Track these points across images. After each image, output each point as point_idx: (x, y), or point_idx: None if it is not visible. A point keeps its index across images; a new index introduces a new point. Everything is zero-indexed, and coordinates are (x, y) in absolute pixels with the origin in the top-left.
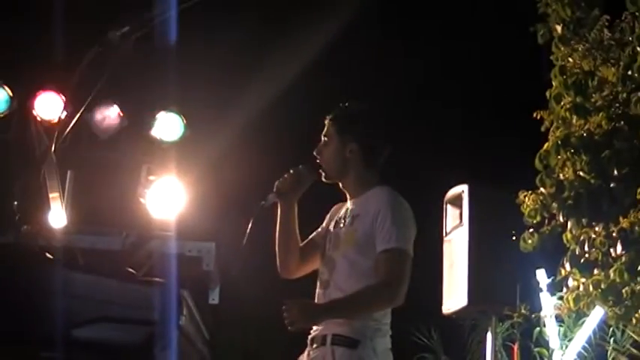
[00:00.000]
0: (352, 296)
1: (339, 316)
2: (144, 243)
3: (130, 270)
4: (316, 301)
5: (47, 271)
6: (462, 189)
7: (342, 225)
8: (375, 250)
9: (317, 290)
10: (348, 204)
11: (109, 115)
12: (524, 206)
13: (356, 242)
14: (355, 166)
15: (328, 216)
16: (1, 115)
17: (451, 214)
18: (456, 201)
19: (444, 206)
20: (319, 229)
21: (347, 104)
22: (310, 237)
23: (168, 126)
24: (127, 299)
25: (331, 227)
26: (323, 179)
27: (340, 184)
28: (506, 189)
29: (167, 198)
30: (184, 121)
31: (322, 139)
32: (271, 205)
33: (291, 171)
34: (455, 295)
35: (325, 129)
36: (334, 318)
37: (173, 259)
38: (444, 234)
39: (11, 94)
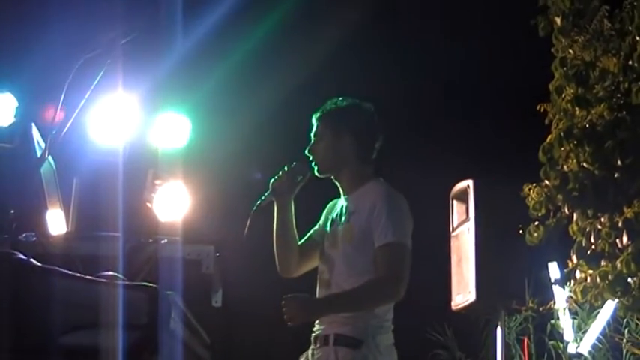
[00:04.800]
0: (352, 291)
1: (339, 310)
2: (144, 247)
3: (117, 275)
4: None
5: (36, 278)
6: (468, 184)
7: (339, 222)
8: (373, 246)
9: (318, 289)
10: (344, 200)
11: None
12: (529, 199)
13: (353, 239)
14: (350, 161)
15: (324, 213)
16: (8, 125)
17: (458, 210)
18: (462, 196)
19: (451, 202)
20: (316, 227)
21: (335, 100)
22: (308, 234)
23: (174, 131)
24: (119, 304)
25: (328, 225)
26: (316, 173)
27: (334, 179)
28: (511, 183)
29: (173, 202)
30: (191, 126)
31: (313, 138)
32: (268, 204)
33: (286, 168)
34: (463, 291)
35: (315, 128)
36: (333, 313)
37: (176, 263)
38: (451, 229)
39: (17, 103)
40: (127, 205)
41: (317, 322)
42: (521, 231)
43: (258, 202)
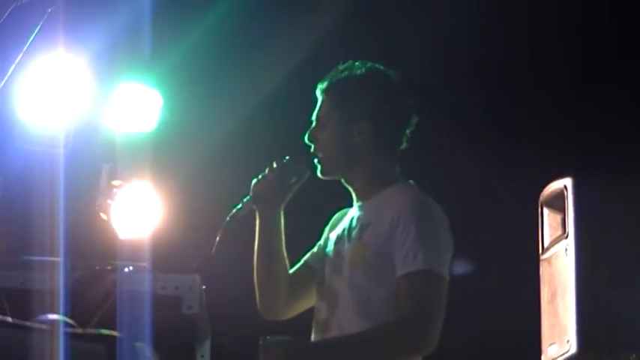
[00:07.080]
0: (357, 336)
1: None
2: (97, 278)
3: (62, 318)
4: None
5: None
6: (564, 184)
7: (346, 240)
8: (393, 275)
9: (313, 335)
10: (356, 209)
11: None
12: None
13: (366, 263)
14: (367, 154)
15: (328, 228)
16: None
17: (550, 222)
18: (556, 202)
19: (539, 210)
20: (315, 249)
21: (348, 65)
22: (303, 260)
23: (139, 109)
24: None
25: (332, 244)
26: (320, 175)
27: (343, 180)
28: (630, 180)
29: (138, 212)
30: (163, 103)
31: (316, 121)
32: (247, 214)
33: (275, 166)
34: (559, 340)
35: (319, 106)
36: None
37: (145, 300)
38: (541, 250)
39: None
40: (71, 217)
41: None
42: None
43: (233, 212)
